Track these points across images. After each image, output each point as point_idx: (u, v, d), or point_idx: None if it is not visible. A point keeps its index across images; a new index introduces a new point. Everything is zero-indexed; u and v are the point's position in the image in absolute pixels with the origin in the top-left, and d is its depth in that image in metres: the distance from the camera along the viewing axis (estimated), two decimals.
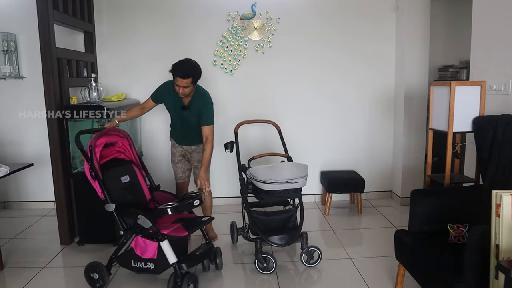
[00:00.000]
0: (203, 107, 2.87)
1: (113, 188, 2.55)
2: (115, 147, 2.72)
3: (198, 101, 2.88)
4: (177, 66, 2.71)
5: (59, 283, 2.69)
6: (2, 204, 4.13)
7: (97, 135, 2.60)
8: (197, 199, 2.42)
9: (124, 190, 2.64)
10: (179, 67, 2.69)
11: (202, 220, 2.62)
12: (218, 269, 2.73)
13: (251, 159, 2.98)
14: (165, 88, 2.95)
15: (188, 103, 2.89)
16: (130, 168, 2.73)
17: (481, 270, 1.65)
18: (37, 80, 3.38)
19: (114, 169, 2.63)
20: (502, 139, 2.23)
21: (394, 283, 2.45)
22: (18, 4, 3.76)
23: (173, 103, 2.94)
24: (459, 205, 2.29)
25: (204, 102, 2.88)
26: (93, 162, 2.46)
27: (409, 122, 3.96)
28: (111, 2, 3.86)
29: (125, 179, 2.66)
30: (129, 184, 2.67)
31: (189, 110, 2.89)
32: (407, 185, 3.97)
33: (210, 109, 2.89)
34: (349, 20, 3.98)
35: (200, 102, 2.88)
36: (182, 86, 2.71)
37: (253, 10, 3.86)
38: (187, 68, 2.70)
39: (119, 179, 2.63)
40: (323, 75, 4.04)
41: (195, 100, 2.89)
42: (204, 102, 2.88)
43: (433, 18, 3.95)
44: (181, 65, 2.71)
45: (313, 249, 2.78)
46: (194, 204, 2.40)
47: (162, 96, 2.96)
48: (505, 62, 2.69)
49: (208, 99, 2.92)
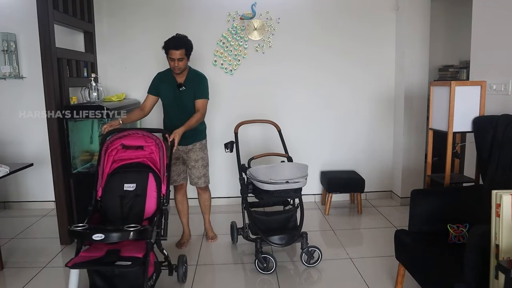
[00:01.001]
0: (198, 83, 2.93)
1: (109, 192, 2.44)
2: (143, 151, 2.49)
3: (194, 79, 2.94)
4: (169, 40, 2.80)
5: (59, 283, 2.69)
6: (2, 204, 4.13)
7: (115, 135, 2.50)
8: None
9: (122, 198, 2.44)
10: (171, 40, 2.79)
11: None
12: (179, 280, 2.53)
13: (251, 159, 2.98)
14: (158, 77, 3.00)
15: (184, 82, 2.92)
16: (144, 176, 2.46)
17: (481, 270, 1.65)
18: (37, 80, 3.38)
19: (121, 174, 2.46)
20: (502, 139, 2.23)
21: (394, 283, 2.45)
22: (18, 4, 3.76)
23: (168, 87, 2.94)
24: (459, 205, 2.29)
25: (199, 78, 2.97)
26: (98, 161, 2.45)
27: (409, 122, 3.96)
28: (111, 2, 3.86)
29: (129, 187, 2.44)
30: (131, 193, 2.45)
31: (185, 89, 2.90)
32: (407, 185, 3.97)
33: (205, 84, 2.97)
34: (349, 20, 3.98)
35: (195, 79, 2.95)
36: (176, 58, 2.76)
37: (253, 10, 3.86)
38: (178, 39, 2.80)
39: (122, 185, 2.44)
40: (323, 75, 4.04)
41: (190, 78, 2.93)
42: (199, 79, 2.96)
43: (433, 18, 3.95)
44: (173, 38, 2.81)
45: (313, 249, 2.78)
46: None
47: (158, 84, 2.97)
48: (505, 62, 2.69)
49: (203, 76, 3.00)
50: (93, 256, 2.09)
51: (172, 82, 2.92)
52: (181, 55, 2.76)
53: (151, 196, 2.45)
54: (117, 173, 2.46)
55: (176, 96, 2.93)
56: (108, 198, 2.43)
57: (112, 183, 2.44)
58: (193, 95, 2.92)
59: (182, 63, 2.80)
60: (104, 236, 1.95)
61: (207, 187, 3.19)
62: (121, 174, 2.46)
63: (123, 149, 2.48)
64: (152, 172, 2.46)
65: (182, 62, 2.80)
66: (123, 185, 2.44)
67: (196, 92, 2.92)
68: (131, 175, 2.46)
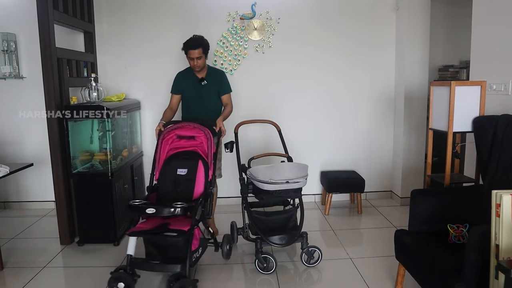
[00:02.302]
0: (220, 78, 3.25)
1: (165, 176, 2.78)
2: (195, 141, 2.83)
3: (214, 74, 3.24)
4: (187, 41, 3.06)
5: (59, 283, 2.69)
6: (2, 204, 4.13)
7: (170, 127, 2.86)
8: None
9: (175, 181, 2.77)
10: (189, 41, 3.05)
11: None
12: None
13: (251, 159, 2.98)
14: (179, 77, 3.25)
15: (205, 76, 3.18)
16: (194, 163, 2.78)
17: (481, 270, 1.65)
18: (37, 80, 3.38)
19: (175, 160, 2.79)
20: (502, 139, 2.23)
21: (394, 283, 2.45)
22: (18, 4, 3.76)
23: (190, 83, 3.19)
24: (459, 205, 2.29)
25: (220, 75, 3.29)
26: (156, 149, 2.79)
27: (409, 122, 3.96)
28: (111, 2, 3.86)
29: (181, 172, 2.77)
30: (183, 177, 2.76)
31: (206, 83, 3.17)
32: (407, 185, 3.97)
33: (226, 79, 3.29)
34: (349, 21, 3.98)
35: (216, 74, 3.25)
36: (195, 57, 3.02)
37: (253, 10, 3.86)
38: (195, 40, 3.07)
39: (175, 170, 2.77)
40: (323, 75, 4.04)
41: (210, 74, 3.22)
42: (220, 74, 3.30)
43: (433, 18, 3.95)
44: (190, 39, 3.07)
45: (313, 249, 2.78)
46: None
47: (180, 83, 3.22)
48: (505, 62, 2.69)
49: (223, 72, 3.37)
50: (147, 227, 2.45)
51: (193, 78, 3.18)
52: (199, 54, 3.01)
53: (199, 181, 2.76)
54: (171, 160, 2.80)
55: (197, 90, 3.18)
56: (163, 180, 2.78)
57: (167, 168, 2.78)
58: (215, 90, 3.21)
59: (201, 61, 3.06)
60: (155, 210, 2.34)
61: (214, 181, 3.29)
62: (175, 161, 2.79)
63: (178, 139, 2.83)
64: (201, 160, 2.79)
65: (201, 60, 3.05)
66: (176, 170, 2.77)
67: (220, 89, 3.23)
68: (184, 162, 2.79)
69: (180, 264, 2.32)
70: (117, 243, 3.18)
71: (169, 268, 2.39)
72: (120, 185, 3.32)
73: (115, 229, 3.18)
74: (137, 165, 3.85)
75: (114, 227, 3.17)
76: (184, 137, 2.83)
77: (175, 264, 2.34)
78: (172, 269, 2.38)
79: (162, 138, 2.82)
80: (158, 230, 2.41)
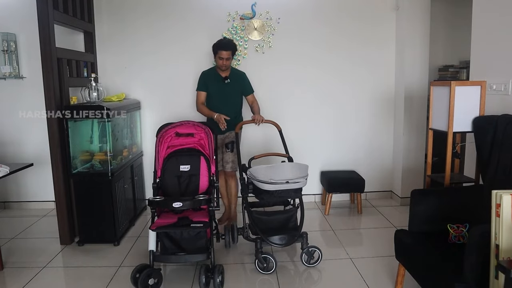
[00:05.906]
0: (243, 80, 3.49)
1: (168, 172, 2.87)
2: (193, 138, 2.92)
3: (237, 75, 3.46)
4: (219, 42, 3.28)
5: (59, 283, 2.69)
6: (2, 204, 4.13)
7: (168, 127, 2.92)
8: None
9: (179, 177, 2.88)
10: (220, 42, 3.28)
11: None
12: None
13: (251, 159, 2.98)
14: (205, 75, 3.44)
15: (228, 76, 3.39)
16: (196, 159, 2.90)
17: (481, 270, 1.65)
18: (37, 80, 3.38)
19: (177, 157, 2.89)
20: (502, 139, 2.23)
21: (394, 283, 2.45)
22: (18, 4, 3.76)
23: (214, 82, 3.39)
24: (459, 205, 2.29)
25: (242, 75, 3.52)
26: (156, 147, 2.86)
27: (409, 122, 3.96)
28: (111, 2, 3.86)
29: (184, 168, 2.88)
30: (187, 173, 2.89)
31: (229, 81, 3.37)
32: (407, 185, 3.97)
33: (248, 80, 3.53)
34: (349, 20, 3.98)
35: (238, 75, 3.48)
36: (224, 58, 3.24)
37: (253, 10, 3.86)
38: (227, 42, 3.30)
39: (178, 166, 2.88)
40: (323, 74, 4.04)
41: (233, 74, 3.43)
42: (242, 75, 3.52)
43: (433, 18, 3.95)
44: (221, 41, 3.30)
45: (313, 249, 2.78)
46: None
47: (206, 81, 3.40)
48: (505, 62, 2.69)
49: (244, 73, 3.55)
50: (169, 222, 2.57)
51: (217, 77, 3.39)
52: (228, 55, 3.25)
53: (203, 175, 2.90)
54: (173, 157, 2.89)
55: (221, 88, 3.38)
56: (167, 177, 2.88)
57: (170, 165, 2.89)
58: (238, 89, 3.45)
59: (229, 62, 3.30)
60: (182, 203, 2.44)
61: (234, 174, 3.46)
62: (176, 158, 2.89)
63: (176, 137, 2.90)
64: (202, 156, 2.90)
65: (229, 61, 3.29)
66: (179, 166, 2.89)
67: (244, 90, 3.49)
68: (185, 158, 2.90)
69: (205, 253, 2.53)
70: (117, 243, 3.18)
71: (196, 257, 2.55)
72: (120, 185, 3.32)
73: (115, 229, 3.18)
74: (137, 165, 3.85)
75: (114, 227, 3.17)
76: (183, 134, 2.91)
77: (201, 254, 2.54)
78: (198, 258, 2.56)
79: (161, 136, 2.88)
80: (182, 222, 2.55)
